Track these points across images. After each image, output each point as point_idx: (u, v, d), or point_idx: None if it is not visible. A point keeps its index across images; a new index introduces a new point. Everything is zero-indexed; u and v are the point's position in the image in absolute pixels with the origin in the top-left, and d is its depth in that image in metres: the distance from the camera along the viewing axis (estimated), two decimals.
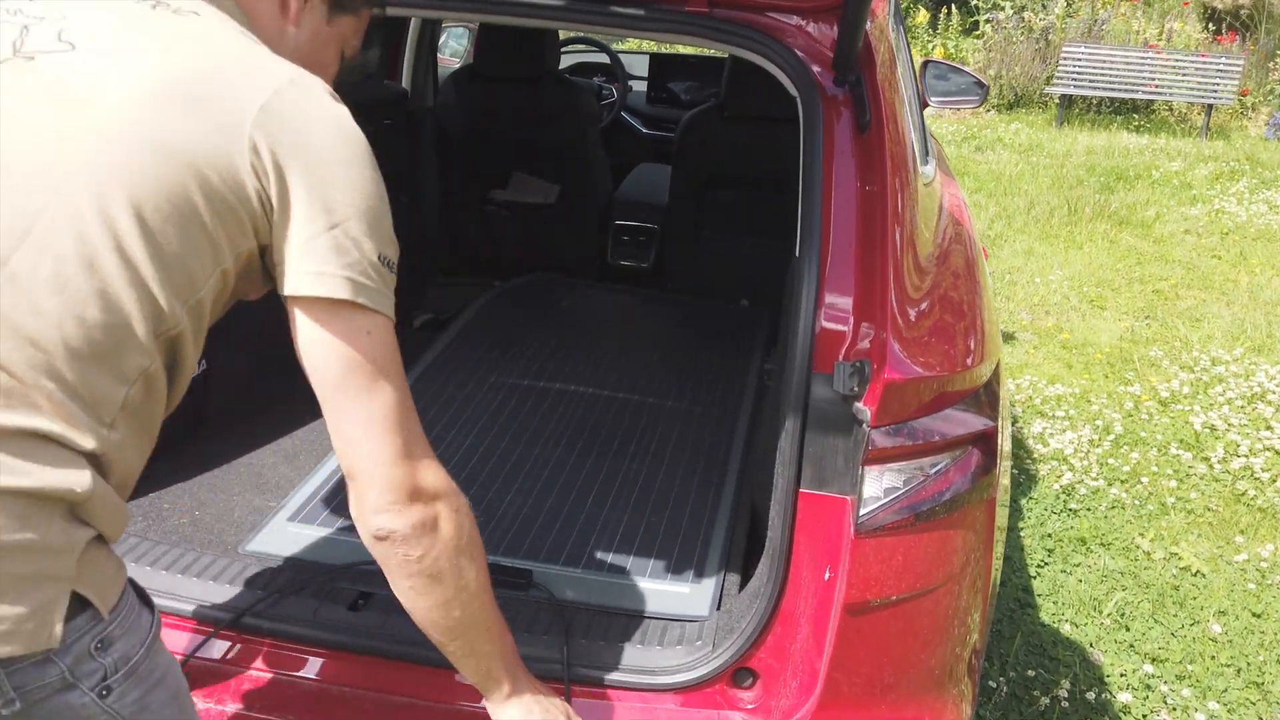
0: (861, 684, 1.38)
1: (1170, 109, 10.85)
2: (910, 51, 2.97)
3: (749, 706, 1.42)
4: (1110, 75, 10.37)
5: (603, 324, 2.83)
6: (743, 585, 1.60)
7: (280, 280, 0.99)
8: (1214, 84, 9.99)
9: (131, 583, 1.01)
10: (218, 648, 1.45)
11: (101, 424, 0.90)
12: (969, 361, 1.41)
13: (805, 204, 1.42)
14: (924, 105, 3.91)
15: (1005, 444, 1.95)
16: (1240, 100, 10.67)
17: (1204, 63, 10.16)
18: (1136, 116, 10.69)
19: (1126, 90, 10.34)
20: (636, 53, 4.86)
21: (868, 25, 1.67)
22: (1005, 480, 1.92)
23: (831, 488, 1.35)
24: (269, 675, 1.43)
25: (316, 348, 0.99)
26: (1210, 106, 10.04)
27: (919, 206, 1.58)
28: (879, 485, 1.31)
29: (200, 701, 1.39)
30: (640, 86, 4.50)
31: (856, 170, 1.46)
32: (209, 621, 1.46)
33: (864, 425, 1.28)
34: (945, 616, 1.39)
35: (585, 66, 4.54)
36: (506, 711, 1.20)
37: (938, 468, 1.33)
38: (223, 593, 1.50)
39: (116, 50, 0.95)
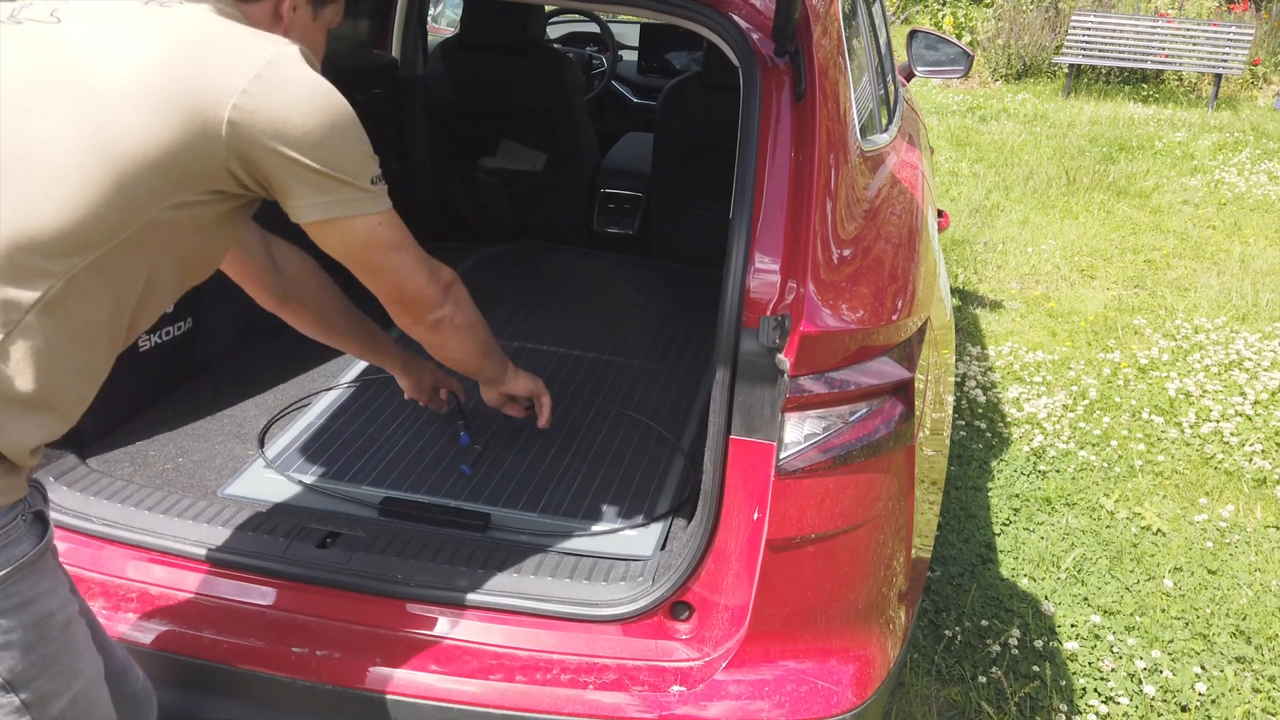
0: (788, 616, 1.49)
1: (1180, 79, 10.78)
2: (885, 23, 3.03)
3: (685, 637, 1.53)
4: (1120, 44, 10.30)
5: (582, 288, 2.93)
6: (687, 530, 1.71)
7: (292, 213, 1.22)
8: (1224, 53, 9.92)
9: (39, 516, 1.12)
10: (196, 581, 1.57)
11: None
12: (893, 317, 1.50)
13: (740, 169, 1.51)
14: (909, 76, 3.97)
15: (947, 401, 2.04)
16: (1251, 70, 10.59)
17: (1214, 31, 10.08)
18: (1145, 86, 10.62)
19: (1136, 60, 10.28)
20: (628, 22, 4.91)
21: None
22: (945, 434, 2.02)
23: (759, 434, 1.44)
24: (243, 606, 1.55)
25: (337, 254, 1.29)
26: (1219, 76, 9.97)
27: (855, 175, 1.67)
28: (799, 431, 1.41)
29: (178, 628, 1.51)
30: (631, 56, 4.56)
31: (791, 138, 1.54)
32: (188, 558, 1.58)
33: (784, 375, 1.38)
34: (866, 554, 1.49)
35: (577, 36, 4.61)
36: (520, 382, 1.81)
37: (856, 415, 1.43)
38: (202, 532, 1.62)
39: (103, 26, 1.11)
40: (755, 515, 1.46)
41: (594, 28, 4.50)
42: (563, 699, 1.45)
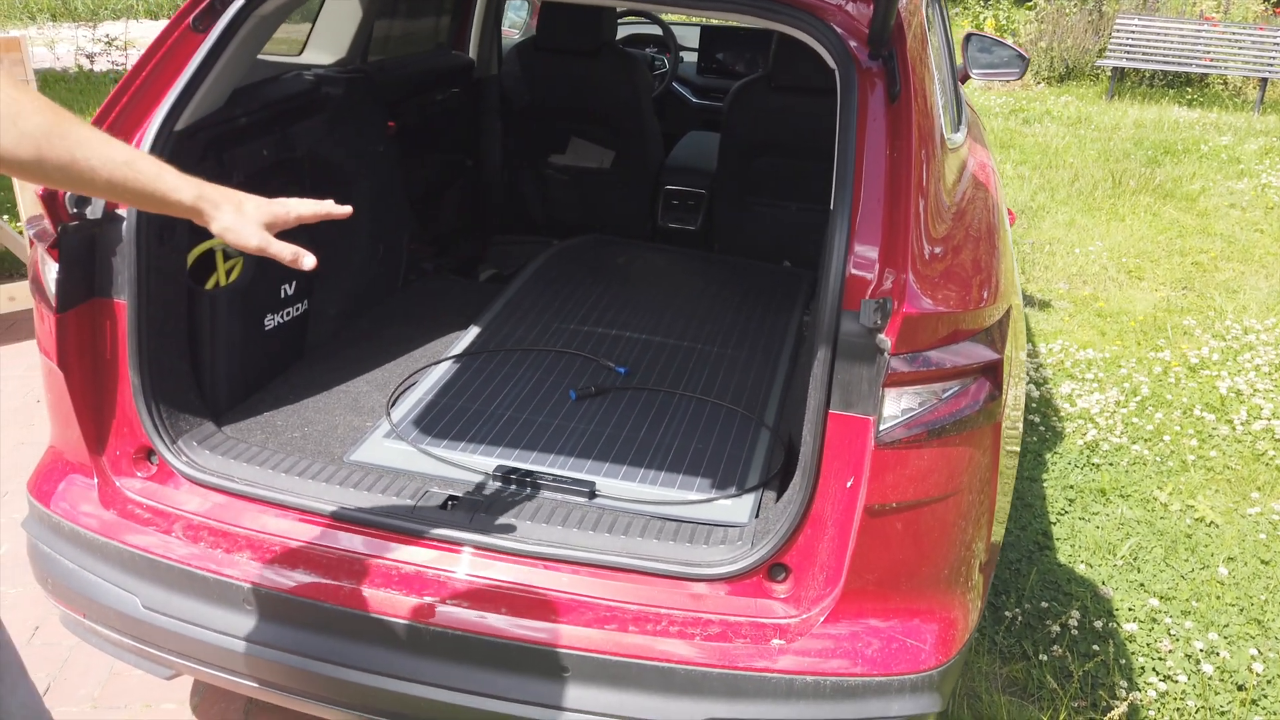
0: (880, 578, 1.60)
1: (1224, 83, 10.73)
2: (948, 27, 3.14)
3: (782, 596, 1.65)
4: (1164, 48, 10.28)
5: (654, 280, 3.06)
6: (778, 501, 1.83)
7: None
8: (1270, 58, 9.87)
9: None
10: (331, 537, 1.72)
11: None
12: (981, 303, 1.61)
13: (839, 165, 1.63)
14: (964, 78, 4.06)
15: (1020, 392, 2.15)
16: None
17: (1261, 35, 10.03)
18: (1189, 90, 10.58)
19: (1180, 64, 10.25)
20: (688, 24, 5.04)
21: (900, 5, 1.87)
22: (1019, 422, 2.12)
23: (856, 409, 1.56)
24: (375, 560, 1.70)
25: None
26: (1265, 80, 9.92)
27: (943, 170, 1.78)
28: (897, 405, 1.52)
29: (316, 578, 1.66)
30: (691, 57, 4.68)
31: (886, 136, 1.66)
32: (323, 515, 1.73)
33: (885, 354, 1.50)
34: (953, 522, 1.61)
35: (638, 38, 4.74)
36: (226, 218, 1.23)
37: (949, 392, 1.54)
38: (334, 492, 1.76)
39: None
40: (850, 484, 1.58)
41: (656, 30, 4.63)
42: (672, 648, 1.58)
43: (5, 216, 4.58)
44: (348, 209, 1.36)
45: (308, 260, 1.29)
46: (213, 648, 1.67)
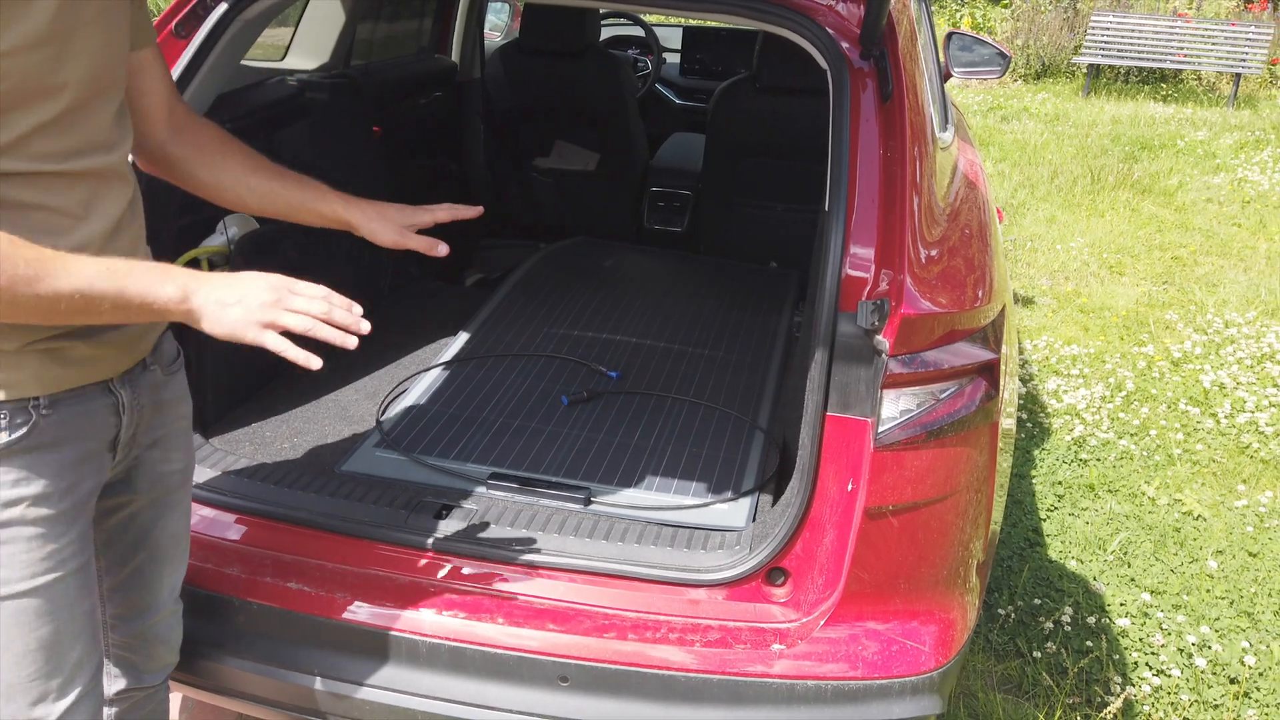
0: (880, 581, 1.60)
1: (1199, 78, 10.85)
2: (933, 25, 3.14)
3: (782, 600, 1.64)
4: (1139, 44, 10.38)
5: (642, 282, 3.05)
6: (774, 504, 1.82)
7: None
8: (1243, 53, 9.99)
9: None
10: (326, 549, 1.69)
11: None
12: (976, 303, 1.61)
13: (834, 166, 1.62)
14: (947, 76, 4.08)
15: (1013, 389, 2.15)
16: (1270, 69, 10.65)
17: (1233, 31, 10.15)
18: (1164, 86, 10.69)
19: (1155, 60, 10.35)
20: (670, 26, 5.03)
21: (891, 5, 1.86)
22: (1014, 418, 2.13)
23: (854, 411, 1.56)
24: (371, 573, 1.67)
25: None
26: (1238, 76, 10.03)
27: (935, 169, 1.78)
28: (895, 407, 1.52)
29: (311, 591, 1.63)
30: (673, 59, 4.67)
31: (879, 136, 1.65)
32: (317, 527, 1.70)
33: (883, 355, 1.49)
34: (953, 523, 1.60)
35: (620, 39, 4.73)
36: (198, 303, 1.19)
37: (947, 392, 1.54)
38: (326, 504, 1.74)
39: None
40: (850, 486, 1.57)
41: (638, 31, 4.62)
42: (672, 655, 1.57)
43: None
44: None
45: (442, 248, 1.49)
46: (205, 664, 1.64)
